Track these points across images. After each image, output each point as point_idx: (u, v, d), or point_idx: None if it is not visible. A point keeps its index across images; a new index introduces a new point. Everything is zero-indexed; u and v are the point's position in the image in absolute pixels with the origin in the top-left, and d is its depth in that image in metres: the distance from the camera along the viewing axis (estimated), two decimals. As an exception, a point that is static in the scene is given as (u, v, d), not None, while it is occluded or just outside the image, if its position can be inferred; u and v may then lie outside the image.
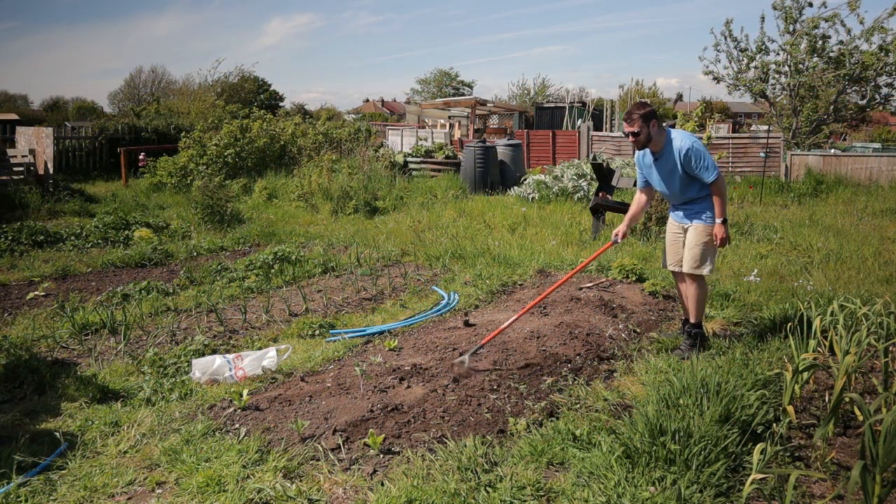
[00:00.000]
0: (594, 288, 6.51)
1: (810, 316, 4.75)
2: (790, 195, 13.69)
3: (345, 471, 3.22)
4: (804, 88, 19.19)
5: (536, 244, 8.77)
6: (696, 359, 4.32)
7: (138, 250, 8.64)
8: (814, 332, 4.35)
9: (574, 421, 3.71)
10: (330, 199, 12.50)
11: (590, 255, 4.99)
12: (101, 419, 3.79)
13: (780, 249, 8.58)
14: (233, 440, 3.50)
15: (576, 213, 11.10)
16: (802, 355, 3.90)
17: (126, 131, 20.53)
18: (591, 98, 35.12)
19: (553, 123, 27.90)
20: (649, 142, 4.67)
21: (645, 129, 4.62)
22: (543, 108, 30.89)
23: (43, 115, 49.40)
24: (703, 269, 4.74)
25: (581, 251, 8.35)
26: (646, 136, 4.63)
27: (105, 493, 3.08)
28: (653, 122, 4.62)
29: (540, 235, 9.45)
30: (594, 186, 11.57)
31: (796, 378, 3.83)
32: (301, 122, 19.43)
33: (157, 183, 15.66)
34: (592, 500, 2.91)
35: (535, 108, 31.73)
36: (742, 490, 2.88)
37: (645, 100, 5.31)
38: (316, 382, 4.34)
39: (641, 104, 4.68)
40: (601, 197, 9.26)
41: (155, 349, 4.91)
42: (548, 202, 12.44)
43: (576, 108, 28.34)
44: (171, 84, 47.27)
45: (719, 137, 16.89)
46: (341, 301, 6.43)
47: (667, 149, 4.66)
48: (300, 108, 44.90)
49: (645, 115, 4.62)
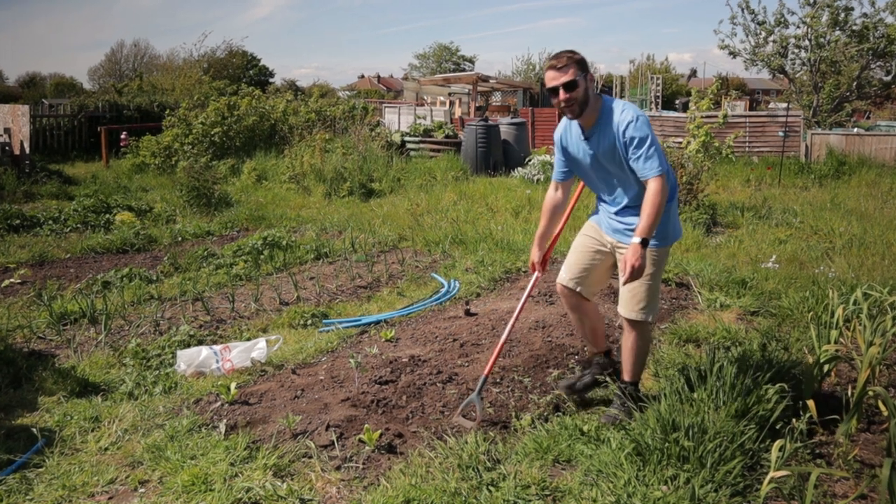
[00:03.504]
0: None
1: (832, 305, 4.73)
2: (810, 177, 13.64)
3: (338, 469, 3.20)
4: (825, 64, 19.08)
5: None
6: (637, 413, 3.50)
7: (120, 235, 8.60)
8: (836, 322, 4.33)
9: (581, 416, 3.70)
10: (323, 180, 12.46)
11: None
12: (81, 414, 3.77)
13: (800, 234, 8.55)
14: (220, 436, 3.48)
15: (583, 196, 11.00)
16: (824, 347, 3.88)
17: (107, 109, 20.43)
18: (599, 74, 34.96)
19: (559, 101, 27.70)
20: (586, 105, 3.38)
21: (582, 83, 3.34)
22: (549, 85, 30.66)
23: (19, 91, 49.20)
24: (647, 313, 3.53)
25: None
26: (583, 94, 3.35)
27: (84, 492, 3.07)
28: (589, 74, 3.39)
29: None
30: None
31: (817, 370, 3.81)
32: (292, 99, 19.34)
33: (139, 164, 15.59)
34: (601, 499, 2.90)
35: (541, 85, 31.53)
36: (759, 489, 2.86)
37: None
38: (308, 375, 4.33)
39: (568, 51, 3.42)
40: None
41: (137, 340, 4.89)
42: (554, 184, 12.34)
43: (584, 85, 28.13)
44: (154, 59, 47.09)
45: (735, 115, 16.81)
46: (335, 289, 6.41)
47: (602, 123, 3.40)
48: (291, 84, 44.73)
49: (581, 61, 3.36)
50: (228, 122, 16.30)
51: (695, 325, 5.16)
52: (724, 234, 8.78)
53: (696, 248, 7.85)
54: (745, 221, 9.30)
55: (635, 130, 3.27)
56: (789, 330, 5.02)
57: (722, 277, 6.37)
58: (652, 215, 3.21)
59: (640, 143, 3.26)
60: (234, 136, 16.30)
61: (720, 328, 5.01)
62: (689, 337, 4.94)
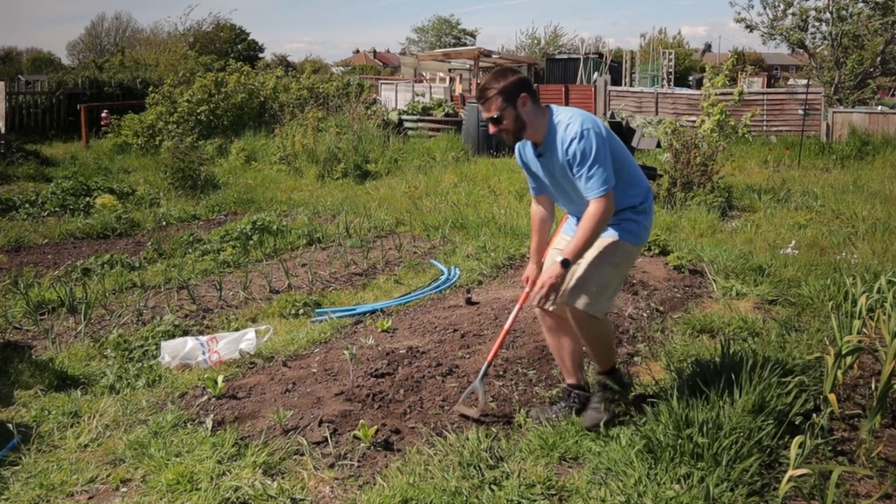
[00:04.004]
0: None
1: (855, 293, 4.72)
2: (832, 157, 13.61)
3: (332, 467, 3.19)
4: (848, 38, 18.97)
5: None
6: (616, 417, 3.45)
7: (101, 219, 8.58)
8: (859, 312, 4.31)
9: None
10: (315, 161, 12.44)
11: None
12: (59, 409, 3.75)
13: (821, 218, 8.53)
14: (206, 432, 3.47)
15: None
16: (846, 337, 3.86)
17: (87, 86, 20.34)
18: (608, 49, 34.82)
19: (566, 77, 27.66)
20: (522, 130, 3.33)
21: (510, 112, 3.27)
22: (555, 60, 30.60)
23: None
24: (597, 304, 3.34)
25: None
26: (513, 121, 3.29)
27: (63, 491, 3.06)
28: (522, 98, 3.28)
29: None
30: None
31: (839, 363, 3.79)
32: (283, 75, 19.29)
33: (121, 144, 15.56)
34: (610, 499, 2.89)
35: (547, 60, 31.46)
36: (778, 488, 2.85)
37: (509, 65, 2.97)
38: (300, 368, 4.32)
39: (500, 72, 3.35)
40: (620, 159, 9.16)
41: (119, 330, 4.87)
42: (560, 165, 12.33)
43: (591, 60, 28.08)
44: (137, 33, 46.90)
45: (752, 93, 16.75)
46: (328, 276, 6.40)
47: (550, 139, 3.33)
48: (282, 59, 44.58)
49: (506, 90, 3.26)
50: (215, 99, 16.24)
51: (709, 315, 5.15)
52: (740, 218, 8.75)
53: (711, 233, 7.83)
54: (762, 205, 9.28)
55: (578, 146, 3.19)
56: (809, 320, 5.00)
57: (738, 264, 6.36)
58: (583, 238, 3.20)
59: (583, 160, 3.18)
60: (221, 114, 16.26)
61: (736, 318, 4.99)
62: (704, 327, 4.93)
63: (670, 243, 7.00)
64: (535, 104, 3.33)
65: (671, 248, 6.84)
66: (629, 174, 3.43)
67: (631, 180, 3.44)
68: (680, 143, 9.42)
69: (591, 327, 3.39)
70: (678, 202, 8.87)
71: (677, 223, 8.05)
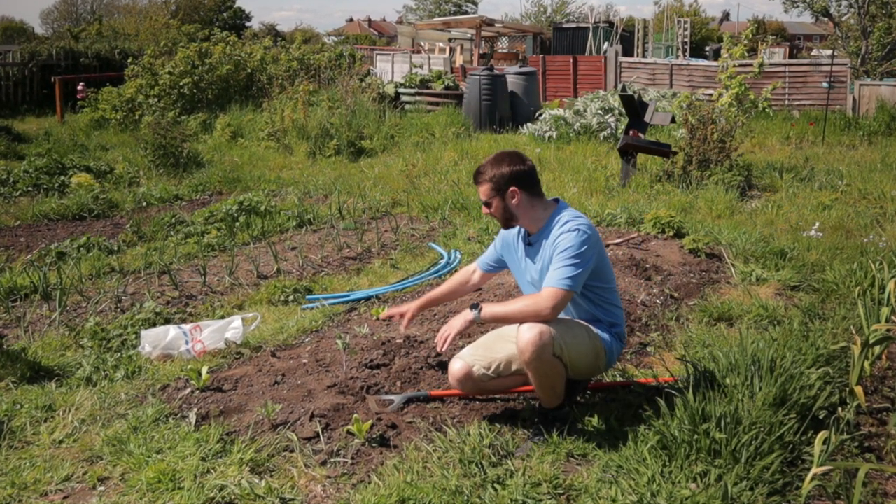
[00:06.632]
0: (624, 245, 6.45)
1: (883, 278, 4.70)
2: (859, 133, 13.55)
3: (324, 464, 3.19)
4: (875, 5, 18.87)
5: (554, 192, 8.68)
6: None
7: (76, 199, 8.59)
8: (887, 298, 4.29)
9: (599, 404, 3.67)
10: (306, 138, 12.42)
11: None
12: (33, 402, 3.75)
13: (847, 199, 8.50)
14: (189, 427, 3.47)
15: (601, 155, 10.99)
16: (873, 326, 3.85)
17: (62, 57, 20.31)
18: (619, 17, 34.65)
19: (574, 48, 27.55)
20: (511, 220, 3.42)
21: (498, 202, 3.37)
22: (563, 30, 30.50)
23: (-38, 37, 48.78)
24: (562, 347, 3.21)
25: (607, 200, 8.27)
26: (501, 211, 3.39)
27: (37, 490, 3.05)
28: (511, 191, 3.33)
29: (558, 181, 9.37)
30: (623, 123, 11.43)
31: (866, 353, 3.78)
32: (272, 45, 19.25)
33: (98, 119, 15.55)
34: (621, 498, 2.88)
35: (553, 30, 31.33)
36: (801, 487, 2.85)
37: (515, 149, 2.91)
38: (290, 358, 4.31)
39: (498, 158, 3.41)
40: (632, 135, 9.13)
41: (96, 318, 4.87)
42: (568, 142, 12.32)
43: (601, 30, 27.96)
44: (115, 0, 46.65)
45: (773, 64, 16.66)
46: (320, 260, 6.39)
47: (544, 233, 3.39)
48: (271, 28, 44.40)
49: (495, 180, 3.35)
50: (199, 71, 16.18)
51: (727, 302, 5.13)
52: (760, 198, 8.73)
53: (729, 214, 7.80)
54: (784, 184, 9.24)
55: (569, 236, 3.25)
56: (834, 307, 4.98)
57: (758, 247, 6.33)
58: (513, 310, 3.27)
59: (566, 251, 3.22)
60: (205, 87, 16.20)
61: (756, 305, 4.97)
62: (722, 315, 4.91)
63: (686, 225, 6.97)
64: (532, 197, 3.40)
65: (687, 231, 6.81)
66: (616, 298, 3.56)
67: (616, 302, 3.55)
68: (696, 118, 9.37)
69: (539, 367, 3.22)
70: (694, 181, 8.84)
71: (693, 203, 8.02)
